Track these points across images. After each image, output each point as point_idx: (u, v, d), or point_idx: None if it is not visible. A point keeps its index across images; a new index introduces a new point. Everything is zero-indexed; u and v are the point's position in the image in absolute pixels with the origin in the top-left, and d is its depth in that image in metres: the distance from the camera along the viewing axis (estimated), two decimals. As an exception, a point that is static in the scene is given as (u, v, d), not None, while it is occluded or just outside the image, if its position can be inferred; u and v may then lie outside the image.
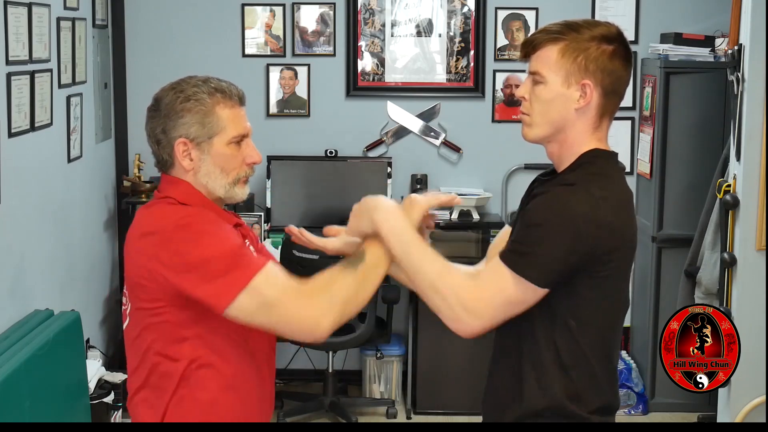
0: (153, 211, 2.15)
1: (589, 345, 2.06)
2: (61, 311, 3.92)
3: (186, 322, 2.09)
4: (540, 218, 1.99)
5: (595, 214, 1.98)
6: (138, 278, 2.10)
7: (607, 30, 2.08)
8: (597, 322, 2.07)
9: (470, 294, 2.01)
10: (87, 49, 4.69)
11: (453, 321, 2.02)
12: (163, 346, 2.11)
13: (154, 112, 2.15)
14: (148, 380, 2.15)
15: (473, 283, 2.03)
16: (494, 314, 2.02)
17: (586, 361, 2.06)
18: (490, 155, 5.34)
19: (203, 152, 2.13)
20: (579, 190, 2.00)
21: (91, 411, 3.92)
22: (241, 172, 2.17)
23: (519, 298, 2.00)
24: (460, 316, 2.01)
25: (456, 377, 4.90)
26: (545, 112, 2.08)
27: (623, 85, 2.10)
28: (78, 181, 4.55)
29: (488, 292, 2.01)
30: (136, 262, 2.10)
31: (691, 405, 4.97)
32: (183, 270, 2.02)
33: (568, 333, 2.05)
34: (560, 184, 2.05)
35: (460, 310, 2.00)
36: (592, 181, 2.03)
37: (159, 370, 2.12)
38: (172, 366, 2.11)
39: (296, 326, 2.04)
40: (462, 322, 2.01)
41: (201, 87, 2.13)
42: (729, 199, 4.02)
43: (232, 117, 2.14)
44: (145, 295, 2.09)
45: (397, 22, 5.29)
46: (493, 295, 2.01)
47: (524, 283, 1.99)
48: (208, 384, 2.12)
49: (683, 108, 4.91)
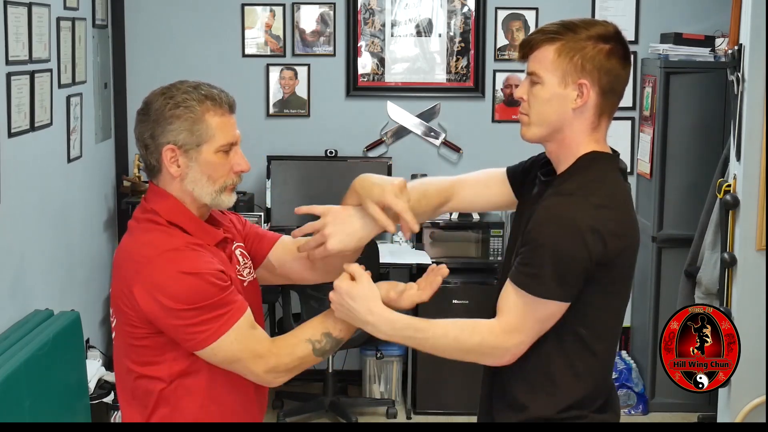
0: (140, 234, 2.14)
1: (601, 349, 2.08)
2: (61, 311, 3.92)
3: (166, 345, 2.10)
4: (544, 237, 1.99)
5: (597, 223, 1.98)
6: (119, 302, 2.11)
7: (604, 29, 2.08)
8: (606, 326, 2.09)
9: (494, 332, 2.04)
10: (87, 49, 4.69)
11: (500, 360, 2.06)
12: (143, 367, 2.12)
13: (144, 116, 2.14)
14: (133, 396, 2.17)
15: (496, 322, 2.05)
16: (529, 336, 2.04)
17: (598, 365, 2.08)
18: (490, 155, 5.33)
19: (191, 159, 2.11)
20: (578, 200, 2.00)
21: (91, 411, 3.92)
22: (228, 180, 2.15)
23: (548, 316, 2.02)
24: (501, 358, 2.05)
25: (456, 377, 4.89)
26: (543, 112, 2.08)
27: (621, 84, 2.09)
28: (78, 181, 4.55)
29: (516, 321, 2.03)
30: (118, 285, 2.12)
31: (691, 405, 4.97)
32: (158, 307, 2.04)
33: (580, 341, 2.05)
34: (558, 194, 2.04)
35: (500, 353, 2.04)
36: (590, 189, 2.03)
37: (141, 388, 2.14)
38: (151, 385, 2.13)
39: (253, 378, 2.16)
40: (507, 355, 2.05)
41: (191, 93, 2.11)
42: (729, 199, 4.02)
43: (222, 125, 2.13)
44: (125, 318, 2.11)
45: (397, 22, 5.29)
46: (521, 323, 2.02)
47: (547, 302, 2.00)
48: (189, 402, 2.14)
49: (683, 108, 4.91)
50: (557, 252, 1.97)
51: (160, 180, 2.16)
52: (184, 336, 2.06)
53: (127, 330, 2.11)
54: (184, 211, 2.14)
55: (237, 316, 2.08)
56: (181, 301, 2.03)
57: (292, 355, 2.14)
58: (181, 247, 2.08)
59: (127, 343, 2.13)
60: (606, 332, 2.08)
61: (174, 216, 2.13)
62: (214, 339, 2.05)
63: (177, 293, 2.03)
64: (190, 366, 2.12)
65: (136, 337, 2.10)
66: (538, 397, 2.08)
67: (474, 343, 2.04)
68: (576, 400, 2.07)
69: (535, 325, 2.02)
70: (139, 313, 2.06)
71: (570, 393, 2.06)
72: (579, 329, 2.04)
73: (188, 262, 2.05)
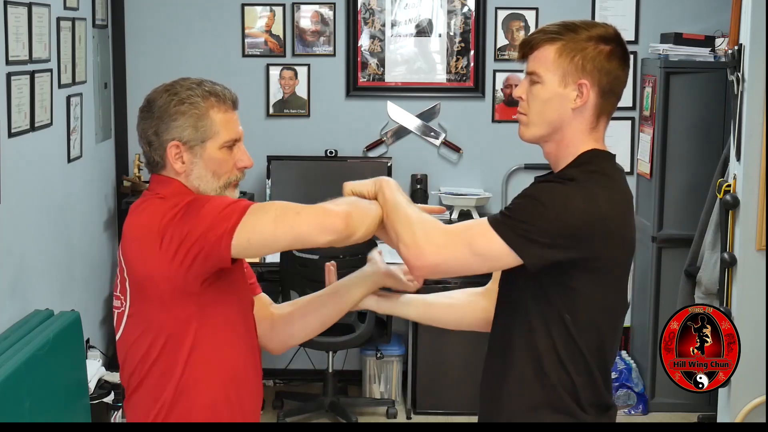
0: (143, 208, 2.13)
1: (585, 341, 2.07)
2: (61, 311, 3.92)
3: (187, 319, 2.09)
4: (539, 195, 2.00)
5: (591, 209, 1.99)
6: (139, 278, 2.09)
7: (604, 30, 2.09)
8: (592, 319, 2.07)
9: (437, 226, 2.03)
10: (87, 49, 4.69)
11: (408, 247, 2.02)
12: (165, 345, 2.11)
13: (147, 114, 2.14)
14: (147, 379, 2.15)
15: (443, 227, 2.04)
16: (450, 249, 2.01)
17: (581, 356, 2.07)
18: (490, 155, 5.34)
19: (195, 155, 2.12)
20: (577, 186, 2.01)
21: (91, 411, 3.92)
22: (232, 176, 2.16)
23: (484, 252, 1.99)
24: (418, 242, 2.00)
25: (456, 377, 4.89)
26: (542, 111, 2.08)
27: (620, 86, 2.11)
28: (78, 181, 4.55)
29: (455, 229, 2.03)
30: (134, 262, 2.10)
31: (691, 405, 4.97)
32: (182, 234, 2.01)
33: (564, 327, 2.05)
34: (561, 178, 2.05)
35: (421, 236, 2.01)
36: (592, 179, 2.04)
37: (159, 368, 2.13)
38: (173, 363, 2.11)
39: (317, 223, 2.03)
40: (417, 247, 2.00)
41: (195, 90, 2.12)
42: (729, 199, 4.02)
43: (226, 121, 2.13)
44: (146, 294, 2.09)
45: (397, 22, 5.29)
46: (459, 232, 2.02)
47: (499, 242, 1.98)
48: (210, 378, 2.13)
49: (683, 108, 4.91)
50: (541, 216, 1.97)
51: None
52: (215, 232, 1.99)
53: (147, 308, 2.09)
54: (190, 192, 2.14)
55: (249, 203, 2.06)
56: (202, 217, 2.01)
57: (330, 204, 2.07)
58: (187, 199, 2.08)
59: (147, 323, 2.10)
60: (590, 324, 2.07)
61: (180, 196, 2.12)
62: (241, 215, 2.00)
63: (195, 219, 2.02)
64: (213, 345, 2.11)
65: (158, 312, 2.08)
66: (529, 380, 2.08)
67: (413, 228, 2.02)
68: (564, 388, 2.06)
69: (466, 245, 2.00)
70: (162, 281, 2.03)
71: (557, 380, 2.06)
72: (564, 314, 2.04)
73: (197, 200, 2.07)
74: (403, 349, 5.15)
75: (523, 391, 2.09)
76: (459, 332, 2.73)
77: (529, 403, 2.09)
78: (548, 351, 2.06)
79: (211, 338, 2.12)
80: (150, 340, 2.12)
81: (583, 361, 2.07)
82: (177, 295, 2.07)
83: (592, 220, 1.99)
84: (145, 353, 2.13)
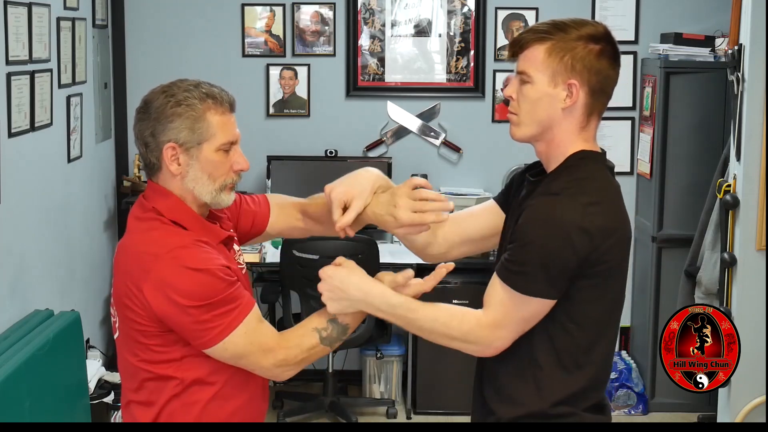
0: (146, 232, 2.12)
1: (590, 345, 2.07)
2: (61, 311, 3.92)
3: (174, 342, 2.10)
4: (532, 235, 2.00)
5: (584, 220, 1.98)
6: (124, 298, 2.10)
7: (594, 29, 2.08)
8: (596, 322, 2.08)
9: (480, 323, 2.06)
10: (87, 49, 4.69)
11: (482, 352, 2.10)
12: (152, 365, 2.12)
13: (144, 115, 2.13)
14: (139, 392, 2.16)
15: (482, 314, 2.07)
16: (514, 332, 2.06)
17: (587, 361, 2.07)
18: (490, 155, 5.34)
19: (191, 158, 2.11)
20: (564, 200, 2.01)
21: (91, 411, 3.92)
22: (228, 179, 2.15)
23: (532, 314, 2.04)
24: (484, 350, 2.08)
25: (456, 377, 4.89)
26: (532, 111, 2.08)
27: (611, 85, 2.10)
28: (78, 181, 4.55)
29: (501, 316, 2.05)
30: (123, 281, 2.10)
31: (691, 405, 4.97)
32: (168, 305, 2.04)
33: (568, 336, 2.05)
34: (546, 194, 2.05)
35: (483, 345, 2.07)
36: (578, 188, 2.03)
37: (149, 385, 2.14)
38: (162, 383, 2.13)
39: (261, 373, 2.18)
40: (489, 349, 2.08)
41: (192, 92, 2.11)
42: (729, 199, 4.02)
43: (222, 123, 2.13)
44: (131, 314, 2.10)
45: (397, 22, 5.29)
46: (506, 318, 2.04)
47: (532, 300, 2.01)
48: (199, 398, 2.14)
49: (683, 108, 4.91)
50: (543, 250, 1.98)
51: (160, 178, 2.16)
52: (194, 334, 2.06)
53: (133, 328, 2.11)
54: (187, 210, 2.14)
55: (246, 312, 2.09)
56: (191, 297, 2.02)
57: (301, 347, 2.15)
58: (188, 244, 2.08)
59: (134, 340, 2.12)
60: (596, 328, 2.07)
61: (177, 214, 2.12)
62: (225, 335, 2.06)
63: (187, 290, 2.03)
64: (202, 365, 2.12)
65: (145, 335, 2.10)
66: (527, 390, 2.08)
67: (461, 332, 2.06)
68: (565, 395, 2.06)
69: (520, 321, 2.04)
70: (148, 312, 2.06)
71: (558, 387, 2.06)
72: (567, 324, 2.04)
73: (196, 259, 2.05)
74: (403, 349, 5.15)
75: (518, 392, 2.09)
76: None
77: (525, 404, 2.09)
78: (546, 351, 2.06)
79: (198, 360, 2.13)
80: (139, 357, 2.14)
81: (589, 365, 2.07)
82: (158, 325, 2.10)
83: (588, 232, 1.98)
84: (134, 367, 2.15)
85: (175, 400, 2.13)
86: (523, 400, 2.08)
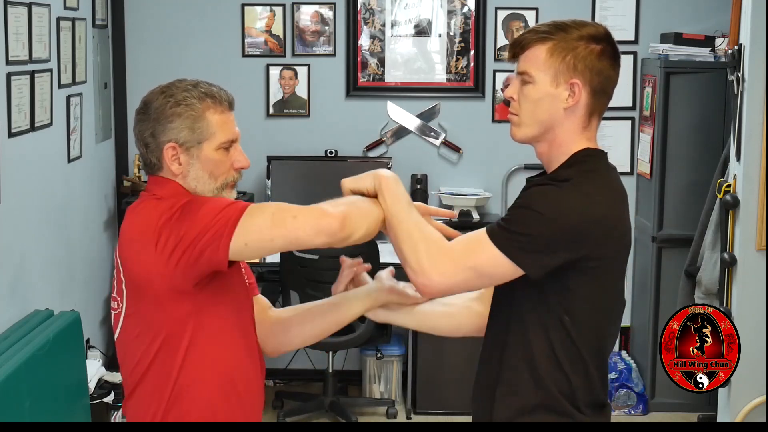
0: (140, 209, 2.13)
1: (583, 341, 2.06)
2: (61, 311, 3.92)
3: (184, 318, 2.09)
4: (534, 204, 2.00)
5: (588, 209, 1.99)
6: (135, 278, 2.10)
7: (595, 30, 2.09)
8: (591, 319, 2.07)
9: (441, 249, 2.02)
10: (87, 49, 4.69)
11: (415, 273, 2.03)
12: (162, 345, 2.11)
13: (143, 115, 2.14)
14: (145, 379, 2.15)
15: (449, 243, 2.04)
16: (457, 275, 2.01)
17: (579, 357, 2.06)
18: (490, 155, 5.34)
19: (192, 157, 2.12)
20: (572, 187, 2.01)
21: (91, 411, 3.92)
22: (229, 177, 2.16)
23: (488, 270, 2.01)
24: (424, 268, 2.01)
25: (456, 377, 4.89)
26: (534, 111, 2.08)
27: (612, 85, 2.10)
28: (78, 181, 4.55)
29: (459, 252, 2.02)
30: (130, 262, 2.10)
31: (691, 405, 4.97)
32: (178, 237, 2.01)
33: (562, 329, 2.05)
34: (554, 180, 2.05)
35: (426, 262, 2.01)
36: (586, 179, 2.04)
37: (157, 369, 2.13)
38: (170, 364, 2.11)
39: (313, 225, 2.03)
40: (424, 275, 2.01)
41: (191, 91, 2.12)
42: (729, 199, 4.02)
43: (222, 122, 2.13)
44: (142, 294, 2.09)
45: (397, 22, 5.29)
46: (463, 255, 2.01)
47: (502, 258, 1.98)
48: (207, 378, 2.13)
49: (683, 108, 4.92)
50: (538, 223, 1.97)
51: None
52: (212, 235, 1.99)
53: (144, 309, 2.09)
54: (187, 193, 2.14)
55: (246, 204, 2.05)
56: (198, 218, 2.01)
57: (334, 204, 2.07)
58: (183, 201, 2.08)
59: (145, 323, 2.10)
60: (590, 325, 2.07)
61: (177, 197, 2.12)
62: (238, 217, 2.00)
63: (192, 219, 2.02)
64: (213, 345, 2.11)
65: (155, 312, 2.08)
66: (523, 382, 2.07)
67: (418, 251, 2.02)
68: (561, 390, 2.06)
69: (474, 269, 2.00)
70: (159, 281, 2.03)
71: (553, 382, 2.06)
72: (563, 316, 2.04)
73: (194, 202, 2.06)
74: (403, 349, 5.15)
75: (517, 392, 2.09)
76: (459, 333, 2.74)
77: (523, 404, 2.08)
78: (544, 352, 2.05)
79: (207, 339, 2.12)
80: (147, 340, 2.12)
81: (580, 362, 2.07)
82: (172, 295, 2.07)
83: (589, 220, 1.99)
84: (142, 353, 2.13)
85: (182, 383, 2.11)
86: (522, 392, 2.08)
